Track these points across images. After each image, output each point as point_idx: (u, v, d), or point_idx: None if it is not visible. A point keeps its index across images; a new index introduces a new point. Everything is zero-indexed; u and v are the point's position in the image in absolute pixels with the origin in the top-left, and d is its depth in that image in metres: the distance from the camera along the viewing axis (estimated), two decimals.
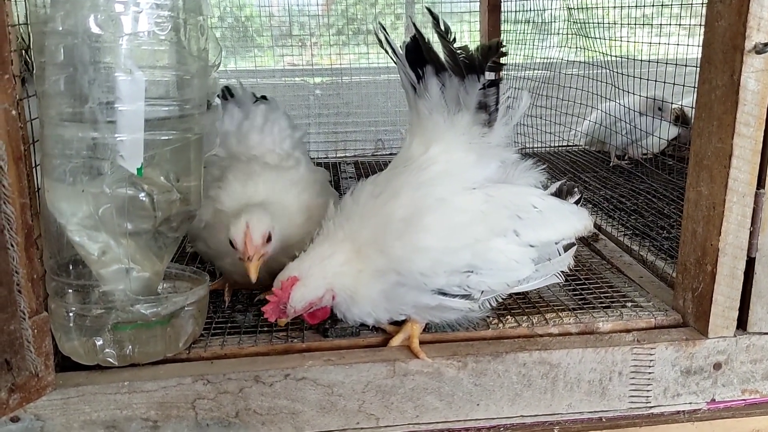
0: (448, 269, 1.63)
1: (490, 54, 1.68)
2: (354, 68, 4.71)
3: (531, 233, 1.71)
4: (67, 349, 1.63)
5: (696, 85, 1.76)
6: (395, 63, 1.81)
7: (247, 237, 1.76)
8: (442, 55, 1.71)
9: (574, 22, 3.65)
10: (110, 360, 1.63)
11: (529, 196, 1.78)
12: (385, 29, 1.85)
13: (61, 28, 1.44)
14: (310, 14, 4.86)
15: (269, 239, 1.81)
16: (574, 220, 1.83)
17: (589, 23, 3.59)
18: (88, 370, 1.64)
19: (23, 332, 1.42)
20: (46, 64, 1.48)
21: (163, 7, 1.48)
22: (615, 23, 3.49)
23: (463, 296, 1.68)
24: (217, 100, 1.77)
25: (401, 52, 1.75)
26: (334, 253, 1.67)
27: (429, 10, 1.73)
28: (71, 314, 1.60)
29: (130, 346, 1.63)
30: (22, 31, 1.55)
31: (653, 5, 3.33)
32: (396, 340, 1.75)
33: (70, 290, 1.64)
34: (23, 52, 1.57)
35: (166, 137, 1.56)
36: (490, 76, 1.73)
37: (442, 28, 1.68)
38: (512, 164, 1.85)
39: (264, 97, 2.39)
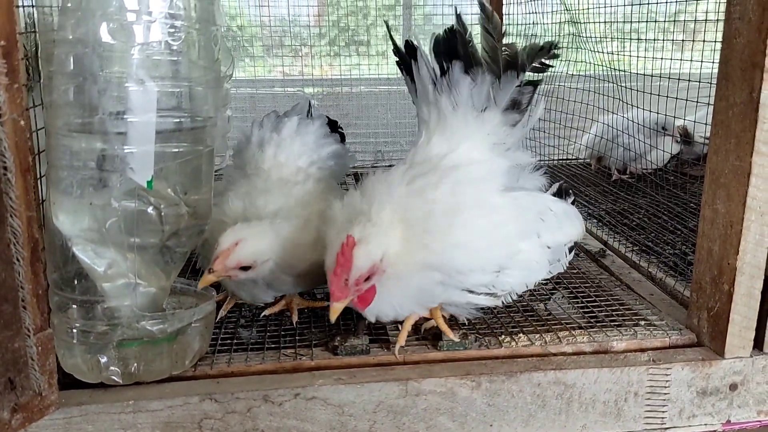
0: (482, 267, 1.63)
1: (540, 54, 1.66)
2: (354, 78, 4.68)
3: (549, 235, 1.74)
4: (69, 366, 1.57)
5: (711, 101, 1.75)
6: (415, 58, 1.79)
7: (223, 254, 1.70)
8: (480, 50, 1.70)
9: (576, 35, 3.64)
10: (114, 378, 1.57)
11: (545, 199, 1.82)
12: (388, 26, 1.94)
13: (71, 37, 1.40)
14: (301, 24, 4.84)
15: (246, 268, 1.75)
16: (578, 223, 1.89)
17: (587, 37, 3.57)
18: (91, 389, 1.58)
19: (27, 350, 1.37)
20: (54, 73, 1.43)
21: (176, 17, 1.44)
22: (606, 38, 3.46)
23: (487, 294, 1.70)
24: (228, 112, 1.72)
25: (422, 48, 1.75)
26: (382, 220, 1.60)
27: (481, 2, 1.69)
28: (75, 330, 1.54)
29: (135, 364, 1.58)
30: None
31: (645, 21, 3.31)
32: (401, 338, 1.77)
33: (74, 305, 1.58)
34: (28, 60, 1.52)
35: (177, 149, 1.52)
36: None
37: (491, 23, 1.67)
38: (520, 167, 1.86)
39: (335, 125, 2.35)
